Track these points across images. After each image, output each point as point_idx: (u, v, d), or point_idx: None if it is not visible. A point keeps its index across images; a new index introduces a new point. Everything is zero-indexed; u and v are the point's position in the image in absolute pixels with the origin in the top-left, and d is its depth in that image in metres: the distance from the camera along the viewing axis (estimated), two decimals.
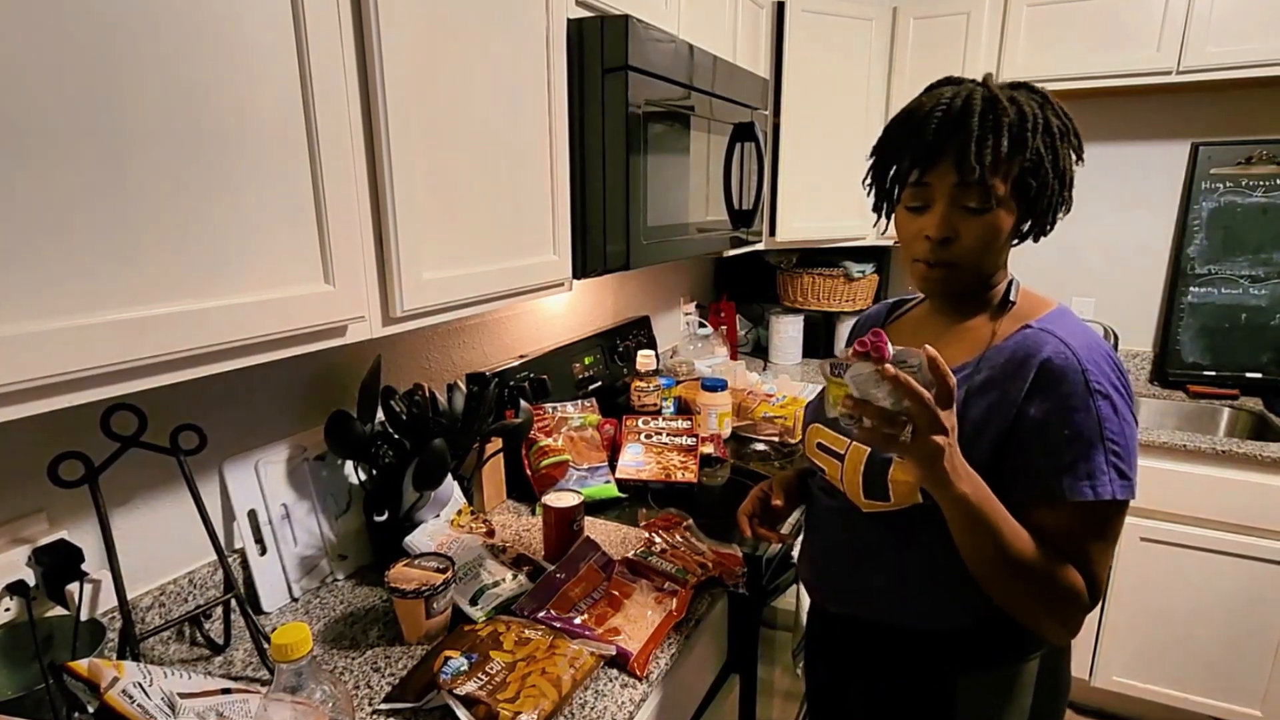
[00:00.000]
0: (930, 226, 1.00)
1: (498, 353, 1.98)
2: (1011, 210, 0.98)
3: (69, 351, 0.72)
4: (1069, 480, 0.93)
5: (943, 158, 0.96)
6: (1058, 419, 0.93)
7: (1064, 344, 0.95)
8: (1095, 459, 0.92)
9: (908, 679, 1.14)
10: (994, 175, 0.94)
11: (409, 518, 1.44)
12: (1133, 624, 2.43)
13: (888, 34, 2.68)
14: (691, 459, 1.90)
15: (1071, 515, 0.94)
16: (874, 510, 1.07)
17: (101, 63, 0.72)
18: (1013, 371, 0.97)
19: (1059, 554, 0.94)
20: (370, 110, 1.03)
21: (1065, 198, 1.00)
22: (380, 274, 1.09)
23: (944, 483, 0.89)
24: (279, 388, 1.40)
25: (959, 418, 0.93)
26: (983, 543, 0.93)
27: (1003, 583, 0.95)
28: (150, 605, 1.20)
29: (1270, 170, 2.60)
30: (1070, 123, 0.99)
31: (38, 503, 1.07)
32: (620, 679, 1.17)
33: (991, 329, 1.04)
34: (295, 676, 0.84)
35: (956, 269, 1.02)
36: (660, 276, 2.82)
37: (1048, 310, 1.03)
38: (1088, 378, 0.93)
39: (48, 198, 0.69)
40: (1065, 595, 0.94)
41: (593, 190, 1.50)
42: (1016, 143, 0.94)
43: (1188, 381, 2.77)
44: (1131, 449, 0.94)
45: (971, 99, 0.96)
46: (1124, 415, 0.94)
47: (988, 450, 0.97)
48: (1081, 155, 1.00)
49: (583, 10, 1.48)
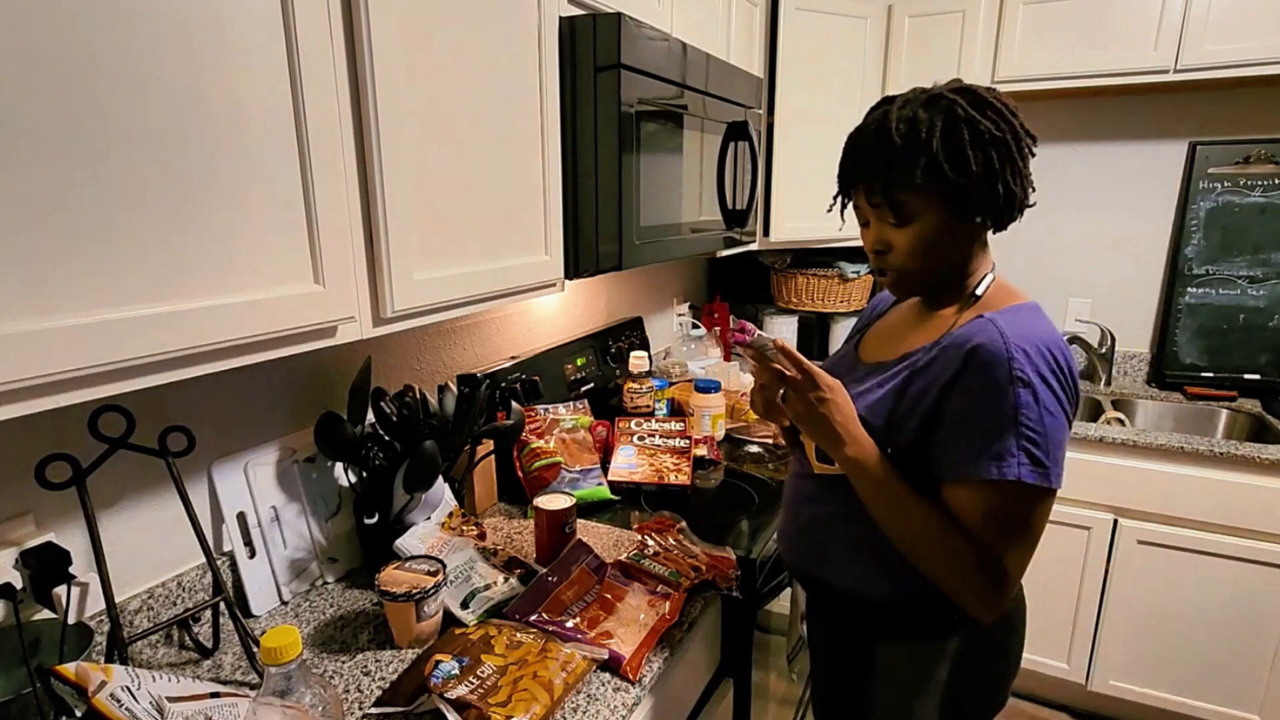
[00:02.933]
0: (868, 239, 1.12)
1: (489, 354, 1.97)
2: (933, 212, 1.04)
3: (55, 352, 0.71)
4: (979, 460, 0.98)
5: (857, 184, 1.09)
6: (977, 401, 0.99)
7: (1000, 332, 1.00)
8: (1006, 442, 0.97)
9: (840, 640, 1.27)
10: (899, 192, 1.03)
11: (399, 520, 1.43)
12: (1130, 627, 2.43)
13: (883, 32, 2.67)
14: (685, 461, 1.90)
15: (978, 494, 1.00)
16: (823, 473, 1.16)
17: (85, 60, 0.71)
18: (948, 357, 1.03)
19: (964, 532, 1.01)
20: (360, 108, 1.03)
21: (999, 190, 1.02)
22: (370, 274, 1.08)
23: (832, 444, 1.06)
24: (268, 389, 1.40)
25: (900, 396, 1.07)
26: (877, 504, 1.06)
27: (905, 548, 1.06)
28: (138, 608, 1.20)
29: (1268, 170, 2.60)
30: (995, 122, 1.01)
31: (25, 505, 1.06)
32: (613, 683, 1.16)
33: (955, 319, 1.10)
34: (285, 680, 0.83)
35: (902, 273, 1.11)
36: (653, 277, 2.81)
37: (1012, 304, 1.08)
38: (1011, 365, 0.97)
39: (31, 196, 0.69)
40: (962, 572, 1.01)
41: (585, 190, 1.49)
42: (904, 158, 1.01)
43: (1185, 383, 2.76)
44: (1052, 439, 0.97)
45: (870, 125, 1.06)
46: (1046, 405, 0.97)
47: (918, 426, 1.05)
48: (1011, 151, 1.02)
49: (575, 8, 1.47)
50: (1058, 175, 2.91)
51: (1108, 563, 2.41)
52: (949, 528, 1.01)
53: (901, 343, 1.16)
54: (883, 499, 1.05)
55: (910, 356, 1.10)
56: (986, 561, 1.00)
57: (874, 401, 1.10)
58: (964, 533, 1.01)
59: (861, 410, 1.09)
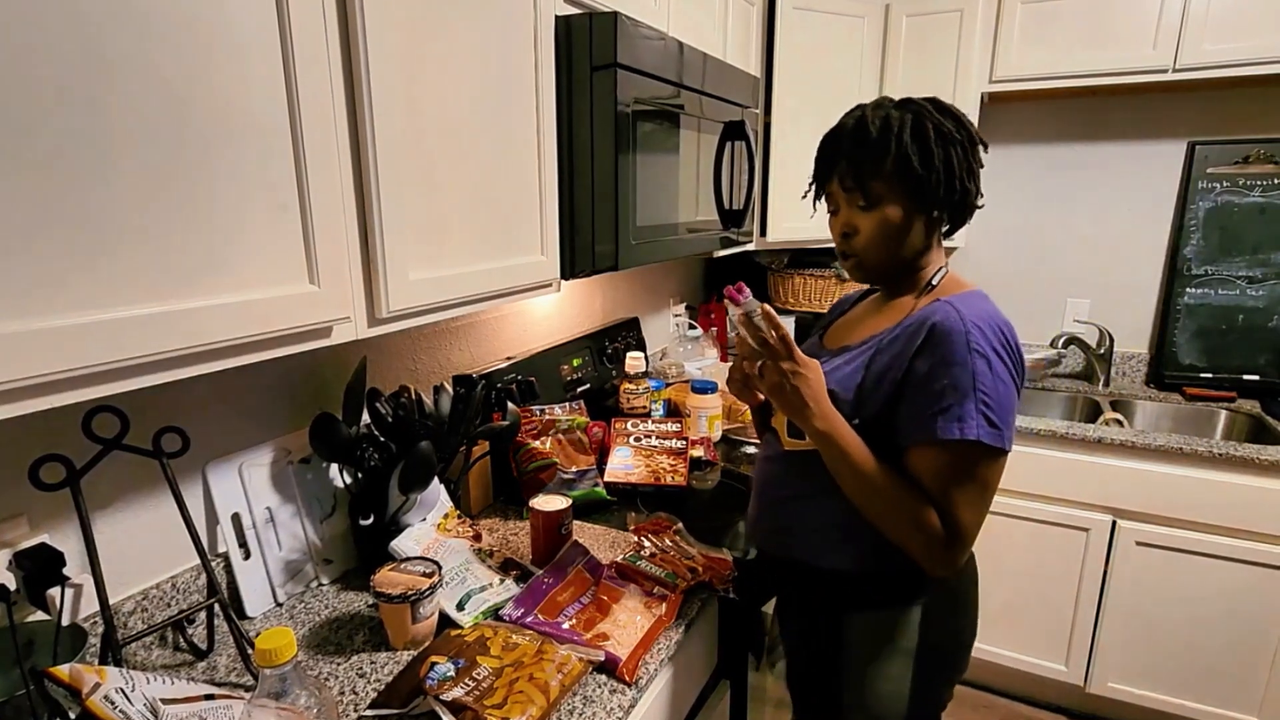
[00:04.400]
0: (836, 225, 1.23)
1: (485, 354, 1.97)
2: (897, 202, 1.16)
3: (49, 353, 0.71)
4: (941, 422, 1.08)
5: (832, 172, 1.20)
6: (939, 371, 1.09)
7: (956, 310, 1.10)
8: (966, 405, 1.07)
9: (809, 617, 1.33)
10: (870, 178, 1.15)
11: (395, 521, 1.43)
12: (1128, 629, 2.42)
13: (880, 32, 2.67)
14: (681, 462, 1.89)
15: (939, 455, 1.09)
16: (793, 449, 1.25)
17: (80, 59, 0.71)
18: (912, 333, 1.13)
19: (926, 495, 1.11)
20: (355, 109, 1.02)
21: (956, 187, 1.15)
22: (366, 274, 1.08)
23: (802, 416, 1.13)
24: (263, 390, 1.39)
25: (866, 370, 1.17)
26: (844, 473, 1.14)
27: (871, 513, 1.15)
28: (133, 610, 1.19)
29: (1268, 169, 2.60)
30: (955, 127, 1.15)
31: (18, 506, 1.06)
32: (609, 685, 1.16)
33: (913, 305, 1.21)
34: (279, 682, 0.83)
35: (863, 256, 1.22)
36: (649, 277, 2.81)
37: (962, 291, 1.19)
38: (969, 339, 1.07)
39: (25, 196, 0.68)
40: (923, 530, 1.10)
41: (581, 190, 1.49)
42: (878, 148, 1.13)
43: (1184, 384, 2.76)
44: (1005, 406, 1.08)
45: (849, 122, 1.18)
46: (1000, 375, 1.08)
47: (884, 398, 1.14)
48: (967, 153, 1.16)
49: (571, 7, 1.47)
50: (1056, 175, 2.91)
51: (1106, 564, 2.40)
52: (912, 490, 1.11)
53: (864, 329, 1.26)
54: (850, 468, 1.13)
55: (874, 338, 1.20)
56: (946, 519, 1.10)
57: (842, 377, 1.19)
58: (925, 494, 1.11)
59: (832, 385, 1.17)
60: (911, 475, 1.12)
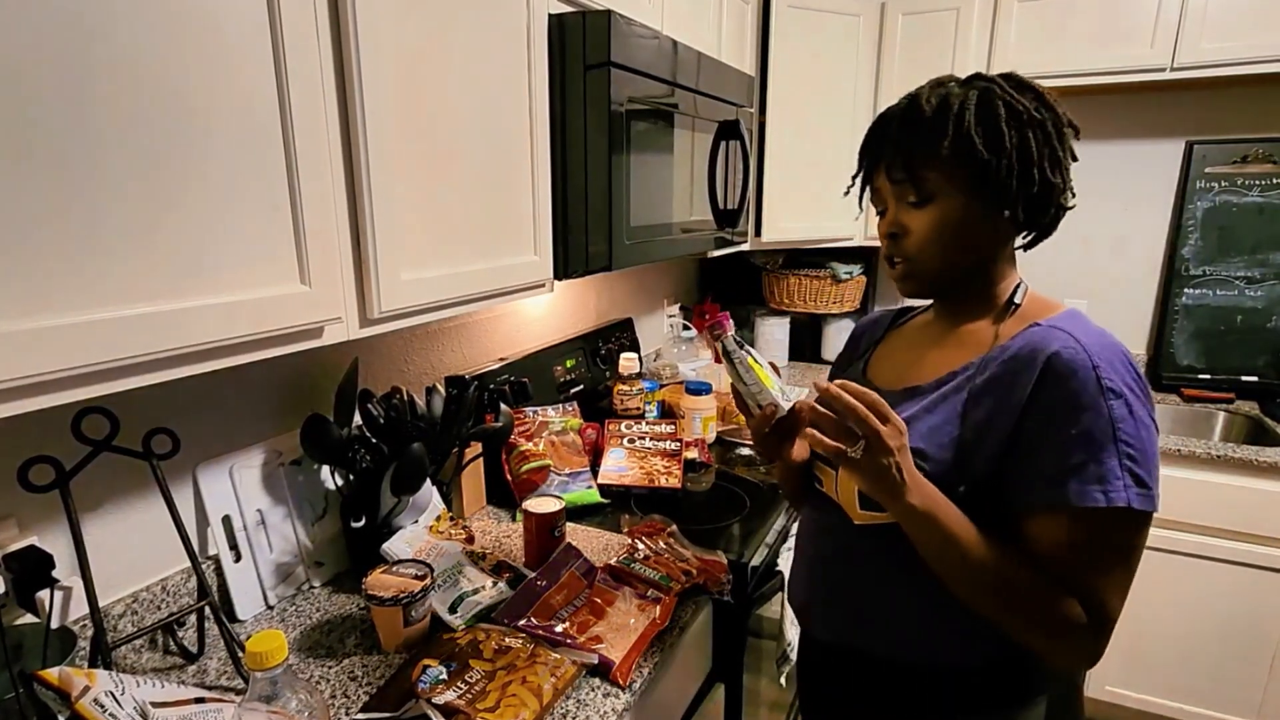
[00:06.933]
0: (883, 227, 1.02)
1: (477, 355, 1.96)
2: (957, 194, 0.94)
3: (38, 354, 0.71)
4: (1075, 484, 0.85)
5: (879, 162, 1.00)
6: (1065, 417, 0.86)
7: (1074, 339, 0.89)
8: (1107, 462, 0.84)
9: (901, 718, 1.07)
10: (922, 166, 0.94)
11: (386, 524, 1.42)
12: (1126, 632, 2.40)
13: (875, 30, 2.66)
14: (675, 464, 1.89)
15: (1075, 525, 0.86)
16: (867, 523, 1.00)
17: (70, 58, 0.70)
18: (1018, 370, 0.90)
19: (1053, 575, 0.88)
20: (347, 107, 1.02)
21: (1033, 178, 0.92)
22: (357, 274, 1.08)
23: (890, 492, 0.88)
24: (254, 391, 1.39)
25: (962, 421, 0.93)
26: (946, 558, 0.90)
27: (988, 607, 0.91)
28: (123, 613, 1.19)
29: (1266, 169, 2.59)
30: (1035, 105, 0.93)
31: (7, 508, 1.06)
32: (602, 688, 1.16)
33: (995, 331, 0.99)
34: (270, 685, 0.83)
35: (914, 263, 1.00)
36: (643, 278, 2.80)
37: (1057, 311, 0.98)
38: (1099, 374, 0.86)
39: (13, 196, 0.68)
40: (1063, 624, 0.87)
41: (574, 189, 1.49)
42: (932, 130, 0.93)
43: (1182, 385, 2.75)
44: (1151, 456, 0.86)
45: (902, 102, 0.99)
46: (1141, 418, 0.86)
47: (991, 455, 0.91)
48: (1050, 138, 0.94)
49: (564, 5, 1.46)
50: None
51: None
52: (1042, 576, 0.88)
53: (933, 362, 1.03)
54: (958, 553, 0.89)
55: (956, 375, 0.97)
56: (1088, 604, 0.87)
57: (929, 431, 0.95)
58: (1054, 574, 0.88)
59: (916, 442, 0.93)
60: (1031, 550, 0.89)
